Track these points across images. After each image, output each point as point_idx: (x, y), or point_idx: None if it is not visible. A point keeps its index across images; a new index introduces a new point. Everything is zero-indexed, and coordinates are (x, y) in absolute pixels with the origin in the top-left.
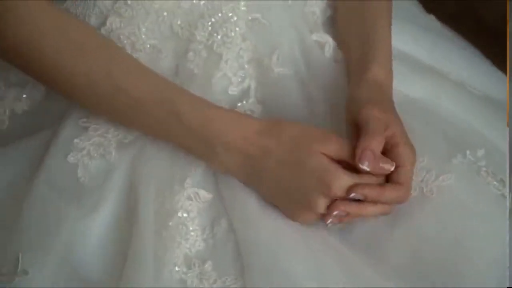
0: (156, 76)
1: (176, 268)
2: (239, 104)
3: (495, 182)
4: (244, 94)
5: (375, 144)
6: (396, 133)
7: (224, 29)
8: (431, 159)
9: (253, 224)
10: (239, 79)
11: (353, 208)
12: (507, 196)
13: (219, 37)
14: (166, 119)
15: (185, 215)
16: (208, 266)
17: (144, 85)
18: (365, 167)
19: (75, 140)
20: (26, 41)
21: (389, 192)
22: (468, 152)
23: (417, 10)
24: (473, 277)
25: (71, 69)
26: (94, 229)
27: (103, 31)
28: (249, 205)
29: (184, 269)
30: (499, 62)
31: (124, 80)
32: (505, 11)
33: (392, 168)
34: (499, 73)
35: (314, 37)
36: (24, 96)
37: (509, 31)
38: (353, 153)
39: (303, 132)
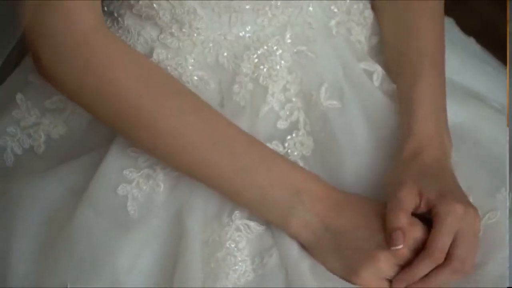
0: (230, 120)
1: None
2: (288, 137)
3: None
4: (293, 127)
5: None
6: (429, 198)
7: (270, 61)
8: (476, 197)
9: (296, 263)
10: (287, 113)
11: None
12: (507, 196)
13: (265, 69)
14: (255, 165)
15: (233, 245)
16: None
17: (230, 128)
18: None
19: (125, 172)
20: (108, 83)
21: (418, 265)
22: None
23: (457, 31)
24: None
25: (155, 108)
26: (140, 262)
27: None
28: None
29: None
30: None
31: (215, 123)
32: None
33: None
34: None
35: (362, 65)
36: (61, 121)
37: (509, 31)
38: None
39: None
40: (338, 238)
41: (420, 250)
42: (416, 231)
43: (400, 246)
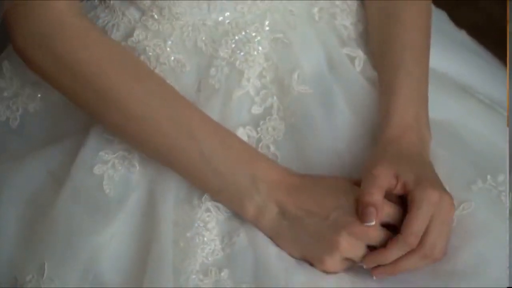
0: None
1: (193, 276)
2: (261, 122)
3: None
4: (267, 112)
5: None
6: (407, 181)
7: (247, 47)
8: (453, 188)
9: (263, 245)
10: (262, 98)
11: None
12: (507, 196)
13: (241, 54)
14: (217, 152)
15: (202, 225)
16: (224, 274)
17: (196, 115)
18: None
19: (100, 153)
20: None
21: (392, 249)
22: (489, 177)
23: (447, 24)
24: None
25: (125, 92)
26: (115, 239)
27: (129, 42)
28: None
29: (201, 277)
30: None
31: (179, 108)
32: None
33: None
34: None
35: (345, 50)
36: (39, 95)
37: (509, 31)
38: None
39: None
40: (296, 226)
41: (389, 231)
42: (387, 209)
43: (373, 223)
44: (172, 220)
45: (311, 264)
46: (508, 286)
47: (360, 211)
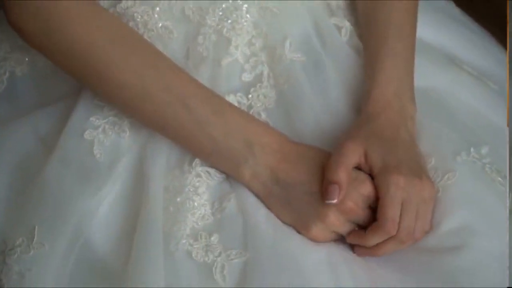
0: (191, 77)
1: (183, 241)
2: (252, 89)
3: (499, 178)
4: (257, 80)
5: (339, 176)
6: (373, 166)
7: (235, 15)
8: (438, 158)
9: (252, 210)
10: (252, 66)
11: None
12: (507, 196)
13: (229, 21)
14: (210, 118)
15: (192, 190)
16: (214, 238)
17: (189, 84)
18: (331, 202)
19: (91, 118)
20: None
21: (371, 236)
22: (472, 149)
23: None
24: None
25: (120, 64)
26: (105, 205)
27: (118, 8)
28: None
29: (191, 241)
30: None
31: (171, 76)
32: None
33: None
34: None
35: (333, 20)
36: (27, 59)
37: (509, 31)
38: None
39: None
40: (288, 191)
41: (374, 210)
42: (364, 188)
43: (335, 201)
44: (162, 186)
45: (298, 232)
46: (508, 286)
47: (323, 189)
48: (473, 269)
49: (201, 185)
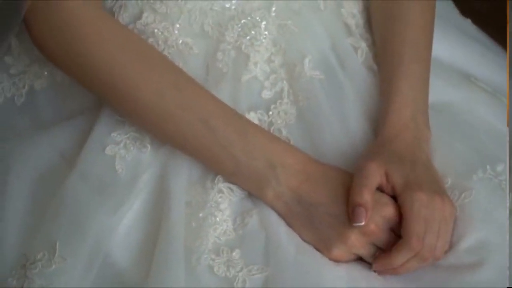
0: (212, 95)
1: (205, 256)
2: (273, 106)
3: None
4: (277, 96)
5: (365, 199)
6: (395, 185)
7: (253, 32)
8: (454, 177)
9: (275, 227)
10: (272, 83)
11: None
12: (507, 196)
13: (247, 38)
14: (232, 138)
15: (214, 206)
16: (236, 254)
17: (210, 102)
18: (359, 224)
19: (112, 134)
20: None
21: (396, 254)
22: (488, 166)
23: (454, 13)
24: None
25: (141, 83)
26: (126, 220)
27: (138, 25)
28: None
29: (213, 256)
30: None
31: (193, 96)
32: None
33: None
34: None
35: (349, 41)
36: (46, 73)
37: (509, 31)
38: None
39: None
40: (310, 211)
41: (396, 232)
42: (387, 210)
43: (362, 223)
44: (184, 201)
45: (319, 251)
46: (508, 286)
47: (350, 212)
48: (492, 285)
49: (223, 201)
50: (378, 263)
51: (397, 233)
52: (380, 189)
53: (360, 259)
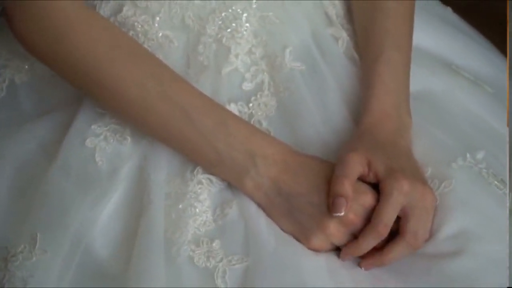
0: (193, 87)
1: (185, 247)
2: (253, 98)
3: (496, 182)
4: (258, 88)
5: (346, 189)
6: (378, 172)
7: (234, 24)
8: (434, 166)
9: (254, 217)
10: (253, 75)
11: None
12: (507, 196)
13: (228, 30)
14: (213, 130)
15: (194, 197)
16: (216, 244)
17: (191, 95)
18: (339, 214)
19: (93, 126)
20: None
21: (362, 239)
22: (468, 155)
23: (435, 2)
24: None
25: (121, 74)
26: (106, 212)
27: (118, 17)
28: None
29: (193, 247)
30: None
31: (174, 88)
32: None
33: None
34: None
35: (330, 31)
36: (26, 67)
37: (509, 31)
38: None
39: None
40: (290, 202)
41: None
42: (365, 199)
43: (342, 213)
44: (164, 193)
45: (298, 240)
46: (508, 286)
47: (330, 202)
48: (472, 273)
49: (203, 192)
50: (344, 251)
51: None
52: (361, 178)
53: (339, 249)
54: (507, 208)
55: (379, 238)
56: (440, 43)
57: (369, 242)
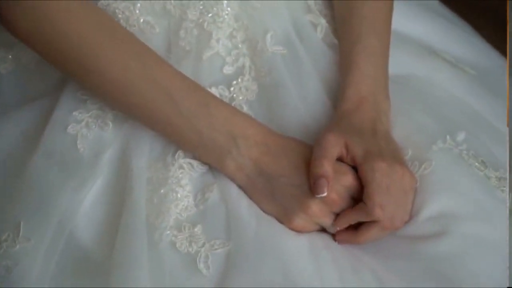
0: (175, 69)
1: (167, 232)
2: (234, 82)
3: (477, 164)
4: (239, 72)
5: (325, 169)
6: (355, 155)
7: (215, 9)
8: (414, 149)
9: (235, 200)
10: (233, 58)
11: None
12: (507, 196)
13: (209, 15)
14: (195, 111)
15: (175, 182)
16: (197, 229)
17: (173, 76)
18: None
19: (74, 113)
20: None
21: (353, 215)
22: (448, 137)
23: None
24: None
25: (108, 55)
26: (89, 198)
27: (99, 4)
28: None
29: (175, 232)
30: (494, 41)
31: (157, 69)
32: None
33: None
34: (494, 52)
35: (308, 17)
36: (10, 57)
37: (509, 31)
38: None
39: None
40: (271, 183)
41: (356, 199)
42: (346, 179)
43: (324, 194)
44: (145, 178)
45: (281, 222)
46: (508, 286)
47: (311, 183)
48: (454, 254)
49: (184, 176)
50: (341, 237)
51: (357, 201)
52: (340, 160)
53: (321, 230)
54: (507, 208)
55: (374, 219)
56: (419, 27)
57: (371, 231)
